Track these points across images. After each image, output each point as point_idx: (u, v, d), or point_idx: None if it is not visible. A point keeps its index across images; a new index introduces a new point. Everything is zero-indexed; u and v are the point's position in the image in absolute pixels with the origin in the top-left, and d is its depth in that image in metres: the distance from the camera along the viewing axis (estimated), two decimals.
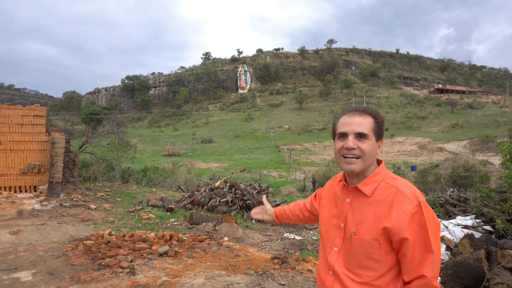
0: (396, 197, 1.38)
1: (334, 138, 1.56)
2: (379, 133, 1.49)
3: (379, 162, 1.53)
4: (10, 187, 9.94)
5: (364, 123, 1.46)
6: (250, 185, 11.71)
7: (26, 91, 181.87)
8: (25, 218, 7.14)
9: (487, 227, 4.98)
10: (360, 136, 1.45)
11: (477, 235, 4.45)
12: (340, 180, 1.58)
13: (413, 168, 28.85)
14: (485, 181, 6.52)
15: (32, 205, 8.36)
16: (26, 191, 10.08)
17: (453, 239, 4.56)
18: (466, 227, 5.01)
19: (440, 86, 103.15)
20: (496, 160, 27.98)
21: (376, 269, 1.40)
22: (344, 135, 1.48)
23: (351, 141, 1.44)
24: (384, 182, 1.45)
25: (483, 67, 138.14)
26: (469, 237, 4.14)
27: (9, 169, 10.01)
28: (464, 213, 6.23)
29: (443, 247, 4.36)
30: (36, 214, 7.53)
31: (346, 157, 1.46)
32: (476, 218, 5.54)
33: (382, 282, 1.41)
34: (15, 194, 9.74)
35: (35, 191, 10.14)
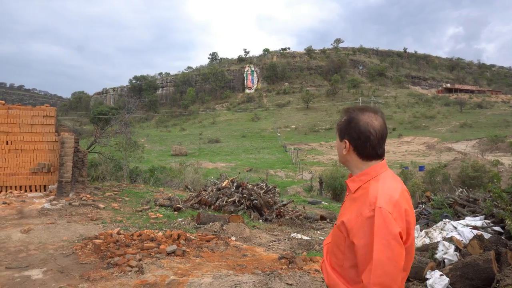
0: (362, 197, 1.45)
1: None
2: (338, 133, 1.60)
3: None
4: (20, 187, 10.08)
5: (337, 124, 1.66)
6: (257, 185, 11.72)
7: (36, 91, 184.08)
8: (35, 217, 7.23)
9: (497, 228, 4.92)
10: None
11: (486, 236, 4.40)
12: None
13: (421, 168, 28.59)
14: (496, 181, 6.44)
15: (42, 204, 8.47)
16: (36, 190, 10.21)
17: (462, 240, 4.52)
18: (475, 228, 4.96)
19: (448, 85, 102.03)
20: (506, 160, 27.61)
21: (340, 259, 1.50)
22: None
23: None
24: (368, 182, 1.49)
25: (493, 66, 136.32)
26: (478, 238, 4.10)
27: (20, 168, 10.15)
28: (473, 213, 6.17)
29: (452, 248, 4.32)
30: (46, 213, 7.63)
31: None
32: (485, 218, 5.48)
33: (345, 273, 1.48)
34: (25, 193, 9.87)
35: (45, 190, 10.27)
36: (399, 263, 1.35)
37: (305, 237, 7.29)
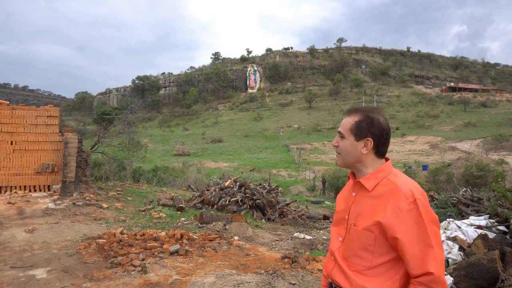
0: (393, 193, 1.45)
1: None
2: (357, 132, 1.56)
3: (386, 160, 1.61)
4: (25, 187, 10.14)
5: (344, 124, 1.60)
6: (260, 184, 11.72)
7: (40, 92, 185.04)
8: (40, 217, 7.27)
9: (502, 228, 4.89)
10: (340, 135, 1.61)
11: (491, 235, 4.38)
12: (348, 176, 1.69)
13: (425, 167, 28.50)
14: (500, 181, 6.41)
15: (46, 204, 8.52)
16: (40, 190, 10.27)
17: (466, 240, 4.49)
18: (479, 227, 4.93)
19: (452, 84, 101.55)
20: (510, 159, 27.46)
21: (369, 259, 1.48)
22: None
23: (335, 139, 1.62)
24: (386, 179, 1.52)
25: (497, 64, 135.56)
26: (482, 237, 4.08)
27: (24, 168, 10.20)
28: (478, 213, 6.14)
29: (456, 247, 4.30)
30: (50, 213, 7.67)
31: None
32: (490, 218, 5.45)
33: (374, 272, 1.47)
34: (30, 193, 9.93)
35: (49, 190, 10.33)
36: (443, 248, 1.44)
37: (308, 237, 7.28)
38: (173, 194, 11.46)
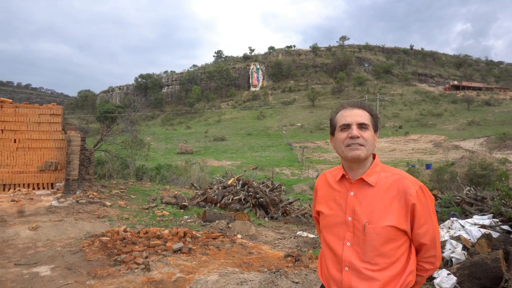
0: (401, 183, 1.50)
1: (332, 133, 1.65)
2: (375, 125, 1.59)
3: (373, 155, 1.62)
4: (28, 184, 10.19)
5: (364, 115, 1.57)
6: (263, 183, 11.72)
7: (43, 90, 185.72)
8: (43, 215, 7.31)
9: (506, 227, 4.87)
10: (362, 126, 1.54)
11: (494, 235, 4.36)
12: (343, 175, 1.61)
13: (428, 166, 28.39)
14: (504, 180, 6.37)
15: (50, 202, 8.56)
16: (44, 188, 10.32)
17: (470, 239, 4.47)
18: (483, 226, 4.91)
19: (455, 82, 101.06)
20: None
21: (393, 254, 1.49)
22: (347, 126, 1.55)
23: (355, 130, 1.53)
24: (383, 172, 1.56)
25: (501, 62, 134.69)
26: (486, 236, 4.06)
27: (28, 166, 10.25)
28: (481, 212, 6.11)
29: (459, 246, 4.28)
30: (53, 210, 7.70)
31: (350, 145, 1.53)
32: (493, 217, 5.43)
33: (399, 263, 1.50)
34: (33, 191, 9.98)
35: (52, 188, 10.37)
36: None
37: (311, 235, 7.27)
38: (176, 192, 11.48)
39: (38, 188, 10.26)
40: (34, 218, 6.98)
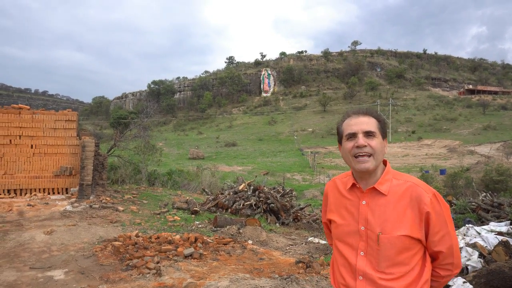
0: (414, 191, 1.47)
1: (340, 142, 1.61)
2: (383, 131, 1.55)
3: (384, 161, 1.58)
4: (44, 189, 10.39)
5: (370, 122, 1.52)
6: (274, 188, 11.68)
7: (59, 97, 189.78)
8: (58, 219, 7.43)
9: None
10: (369, 134, 1.50)
11: None
12: (353, 184, 1.57)
13: (442, 171, 27.86)
14: None
15: (64, 206, 8.70)
16: (58, 193, 10.50)
17: (486, 246, 4.37)
18: (500, 233, 4.79)
19: (470, 86, 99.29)
20: None
21: (408, 263, 1.47)
22: (353, 135, 1.52)
23: (361, 139, 1.49)
24: (395, 179, 1.53)
25: None
26: (503, 244, 3.96)
27: (43, 171, 10.46)
28: (498, 219, 5.96)
29: (476, 254, 4.18)
30: (68, 215, 7.82)
31: (358, 157, 1.49)
32: (511, 224, 5.29)
33: (414, 271, 1.48)
34: (48, 195, 10.16)
35: (66, 193, 10.55)
36: None
37: (323, 241, 7.20)
38: (187, 198, 11.54)
39: (53, 193, 10.45)
40: (49, 222, 7.10)
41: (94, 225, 6.99)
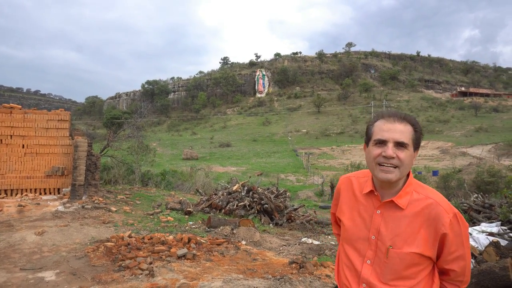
0: (434, 209, 1.39)
1: (367, 143, 1.50)
2: (417, 143, 1.44)
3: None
4: (35, 189, 10.27)
5: (405, 131, 1.40)
6: (268, 189, 11.69)
7: (51, 96, 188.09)
8: (49, 220, 7.35)
9: None
10: (400, 145, 1.38)
11: (503, 242, 4.30)
12: (371, 190, 1.50)
13: (435, 173, 28.11)
14: None
15: (56, 207, 8.61)
16: (50, 193, 10.39)
17: (477, 247, 4.41)
18: (491, 234, 4.84)
19: (463, 89, 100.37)
20: None
21: (415, 277, 1.42)
22: (382, 142, 1.40)
23: (391, 149, 1.38)
24: (416, 192, 1.44)
25: (509, 69, 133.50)
26: (494, 244, 4.00)
27: (35, 171, 10.35)
28: (489, 219, 6.03)
29: None
30: (59, 215, 7.75)
31: (382, 165, 1.40)
32: (502, 225, 5.35)
33: (420, 285, 1.44)
34: (40, 196, 10.05)
35: (58, 193, 10.44)
36: None
37: (316, 242, 7.22)
38: (181, 198, 11.49)
39: (45, 193, 10.34)
40: (40, 223, 7.02)
41: (86, 226, 6.93)
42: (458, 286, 1.49)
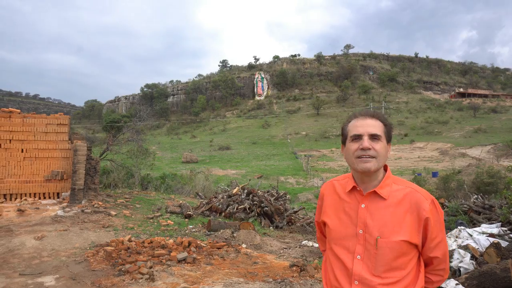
0: (414, 196, 1.49)
1: (344, 143, 1.61)
2: (389, 136, 1.56)
3: (385, 167, 1.58)
4: (35, 194, 10.25)
5: (376, 125, 1.52)
6: (268, 192, 11.67)
7: (50, 100, 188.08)
8: (49, 224, 7.33)
9: None
10: (374, 137, 1.50)
11: (503, 244, 4.29)
12: (353, 187, 1.56)
13: (435, 174, 28.13)
14: None
15: (55, 211, 8.59)
16: (50, 197, 10.37)
17: (478, 248, 4.40)
18: (491, 235, 4.83)
19: (461, 90, 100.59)
20: None
21: (405, 267, 1.48)
22: (358, 137, 1.51)
23: (366, 141, 1.49)
24: (395, 184, 1.54)
25: (507, 69, 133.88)
26: (495, 246, 3.99)
27: (34, 176, 10.32)
28: (489, 221, 6.02)
29: (468, 256, 4.21)
30: (59, 220, 7.72)
31: (361, 157, 1.49)
32: (502, 226, 5.35)
33: (410, 276, 1.49)
34: (39, 200, 10.03)
35: (58, 197, 10.42)
36: None
37: (316, 245, 7.21)
38: (181, 202, 11.47)
39: (44, 198, 10.31)
40: (40, 227, 7.00)
41: (86, 230, 6.91)
42: (442, 276, 1.58)
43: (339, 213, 1.58)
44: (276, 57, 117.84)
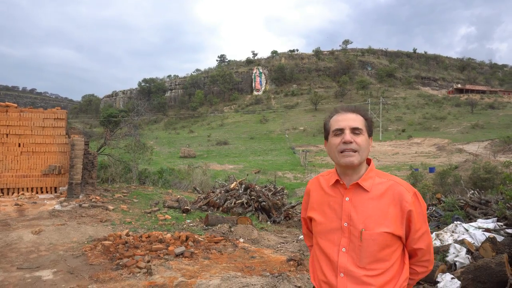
0: (396, 189, 1.51)
1: (327, 138, 1.62)
2: (369, 129, 1.58)
3: (368, 160, 1.61)
4: (32, 188, 10.23)
5: (357, 119, 1.55)
6: (265, 186, 11.70)
7: (47, 94, 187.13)
8: (46, 218, 7.32)
9: (510, 231, 4.82)
10: (355, 130, 1.52)
11: (499, 238, 4.32)
12: (336, 180, 1.58)
13: (432, 169, 28.26)
14: (508, 183, 6.33)
15: (53, 205, 8.58)
16: (47, 192, 10.35)
17: (474, 243, 4.44)
18: (487, 230, 4.87)
19: (459, 86, 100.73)
20: None
21: (389, 259, 1.50)
22: (340, 131, 1.53)
23: (348, 135, 1.51)
24: (378, 177, 1.56)
25: (505, 66, 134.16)
26: (491, 240, 4.02)
27: (31, 170, 10.30)
28: (485, 216, 6.06)
29: (463, 250, 4.24)
30: (56, 214, 7.72)
31: (344, 152, 1.52)
32: (498, 221, 5.38)
33: (395, 267, 1.52)
34: (36, 195, 10.01)
35: (55, 192, 10.40)
36: None
37: None
38: (178, 196, 11.48)
39: (42, 192, 10.30)
40: (37, 222, 6.99)
41: (84, 224, 6.91)
42: (426, 267, 1.60)
43: (324, 207, 1.59)
44: (274, 52, 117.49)
